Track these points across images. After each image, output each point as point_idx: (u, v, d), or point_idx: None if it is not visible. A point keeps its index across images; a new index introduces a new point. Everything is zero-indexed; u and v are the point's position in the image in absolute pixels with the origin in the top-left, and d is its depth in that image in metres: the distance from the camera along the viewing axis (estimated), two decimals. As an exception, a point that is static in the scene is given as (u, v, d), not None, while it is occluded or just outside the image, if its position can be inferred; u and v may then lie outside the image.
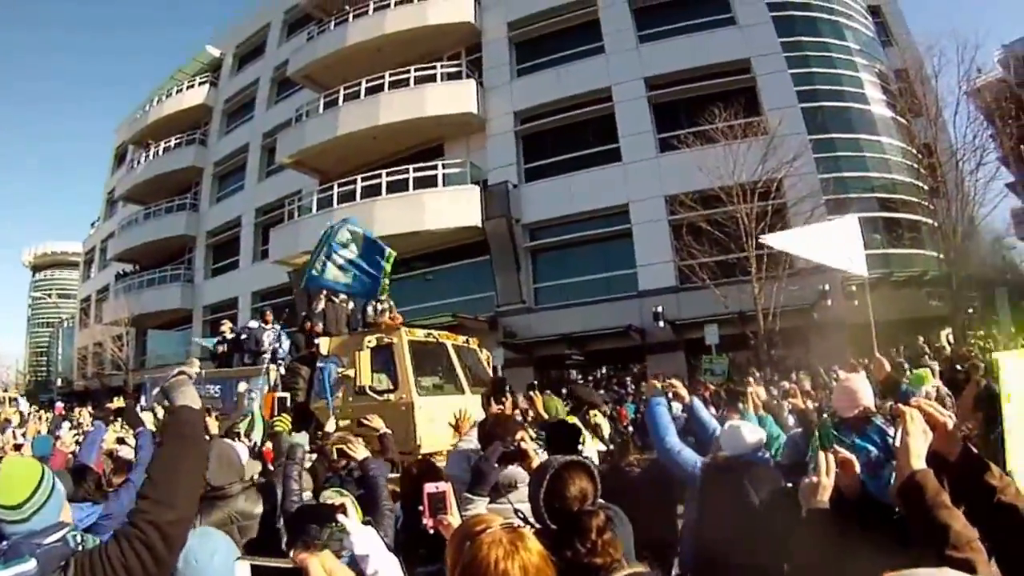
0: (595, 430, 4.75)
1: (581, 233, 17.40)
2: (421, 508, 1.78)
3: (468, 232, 17.12)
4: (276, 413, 6.79)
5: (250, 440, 4.60)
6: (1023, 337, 12.80)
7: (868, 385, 2.59)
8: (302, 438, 3.91)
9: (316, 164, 21.03)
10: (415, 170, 18.00)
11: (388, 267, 7.34)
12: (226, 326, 9.93)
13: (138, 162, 29.81)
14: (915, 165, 17.74)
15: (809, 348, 16.55)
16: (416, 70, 19.41)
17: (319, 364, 7.02)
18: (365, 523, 1.96)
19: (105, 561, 1.24)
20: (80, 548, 1.34)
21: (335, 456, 3.21)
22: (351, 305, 8.15)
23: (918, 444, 1.31)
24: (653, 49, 18.15)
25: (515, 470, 2.59)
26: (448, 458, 3.43)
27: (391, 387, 6.33)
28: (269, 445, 4.51)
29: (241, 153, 25.80)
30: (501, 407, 3.95)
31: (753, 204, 15.22)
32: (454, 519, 1.73)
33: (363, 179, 18.60)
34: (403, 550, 2.12)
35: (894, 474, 1.48)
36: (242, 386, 7.57)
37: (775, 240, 8.03)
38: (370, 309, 7.80)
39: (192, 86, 29.26)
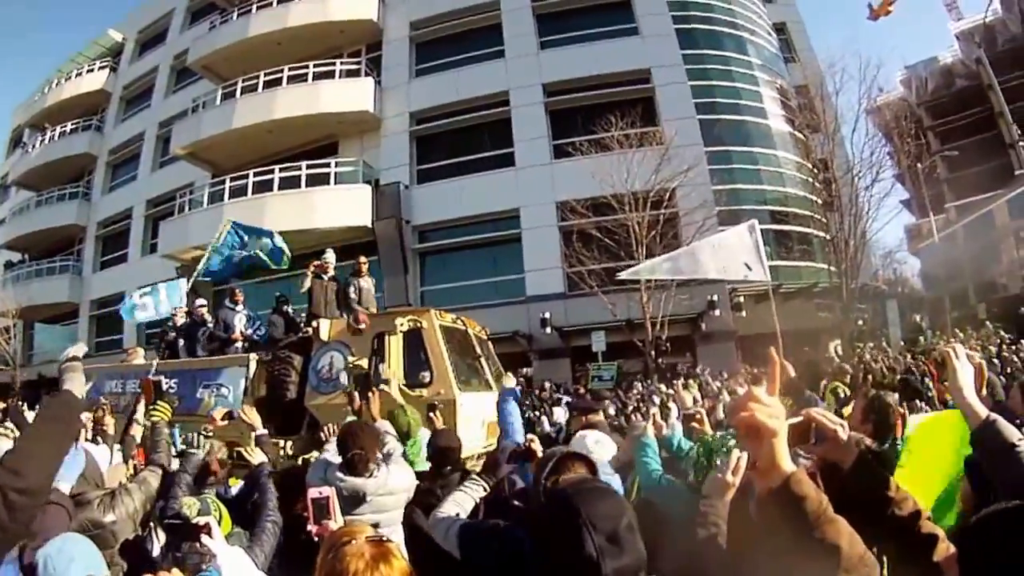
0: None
1: (471, 237, 17.11)
2: (305, 514, 1.76)
3: (358, 232, 16.55)
4: (154, 400, 6.05)
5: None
6: (908, 350, 13.20)
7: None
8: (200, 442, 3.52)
9: (210, 157, 20.01)
10: (308, 167, 17.36)
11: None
12: (179, 311, 8.74)
13: (33, 146, 27.94)
14: (810, 179, 18.25)
15: (697, 356, 16.81)
16: (315, 66, 18.78)
17: (317, 352, 6.02)
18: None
19: None
20: None
21: (223, 458, 3.09)
22: (336, 284, 7.08)
23: (784, 441, 1.03)
24: (554, 55, 18.10)
25: (362, 482, 2.57)
26: (311, 464, 3.15)
27: (424, 379, 5.46)
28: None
29: (136, 142, 24.44)
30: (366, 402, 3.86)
31: (645, 213, 15.27)
32: (336, 525, 1.70)
33: (255, 174, 17.78)
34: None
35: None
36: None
37: (658, 269, 7.62)
38: (351, 290, 6.84)
39: (92, 70, 27.66)
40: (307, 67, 18.74)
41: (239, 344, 7.22)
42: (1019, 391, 3.52)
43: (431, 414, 4.26)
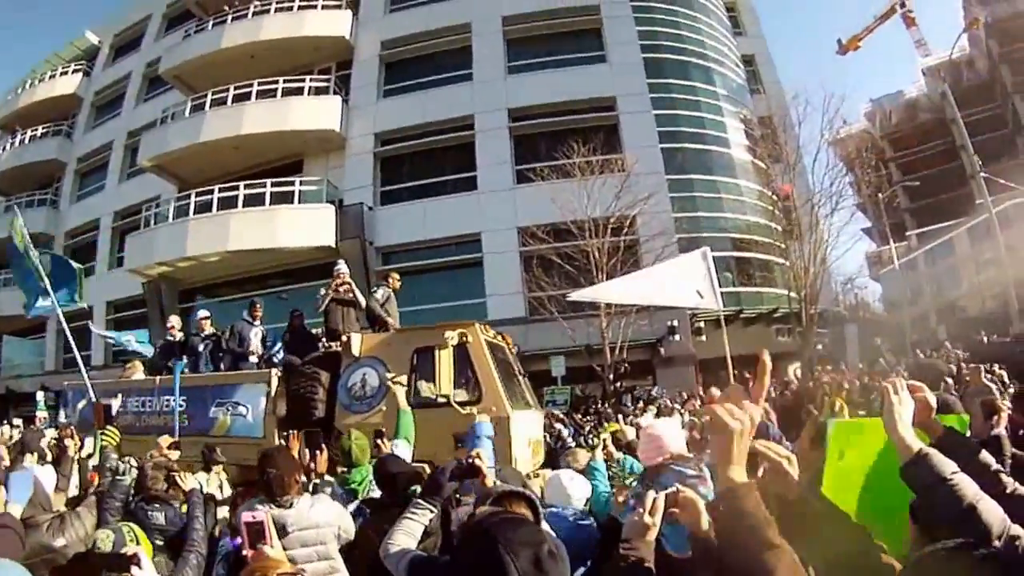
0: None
1: (433, 260, 17.15)
2: (240, 539, 1.73)
3: (322, 252, 16.51)
4: (103, 424, 5.61)
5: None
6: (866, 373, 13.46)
7: (675, 430, 2.40)
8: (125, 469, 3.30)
9: (176, 170, 19.86)
10: (273, 184, 17.29)
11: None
12: (175, 322, 8.07)
13: (4, 148, 27.36)
14: (771, 208, 18.61)
15: (656, 380, 17.02)
16: (285, 81, 18.76)
17: (348, 369, 5.66)
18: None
19: None
20: None
21: (157, 483, 3.01)
22: (360, 298, 6.70)
23: (741, 447, 0.99)
24: (520, 80, 18.31)
25: (280, 512, 2.49)
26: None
27: (470, 397, 5.21)
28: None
29: (105, 151, 24.08)
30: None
31: (605, 239, 15.48)
32: (273, 551, 1.67)
33: (220, 190, 17.67)
34: None
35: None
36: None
37: (608, 293, 7.61)
38: (375, 301, 6.40)
39: (66, 72, 27.18)
40: (277, 82, 18.71)
41: (253, 360, 6.85)
42: (981, 410, 3.73)
43: (378, 440, 4.00)
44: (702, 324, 17.44)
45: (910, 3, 33.54)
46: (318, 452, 3.99)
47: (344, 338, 5.92)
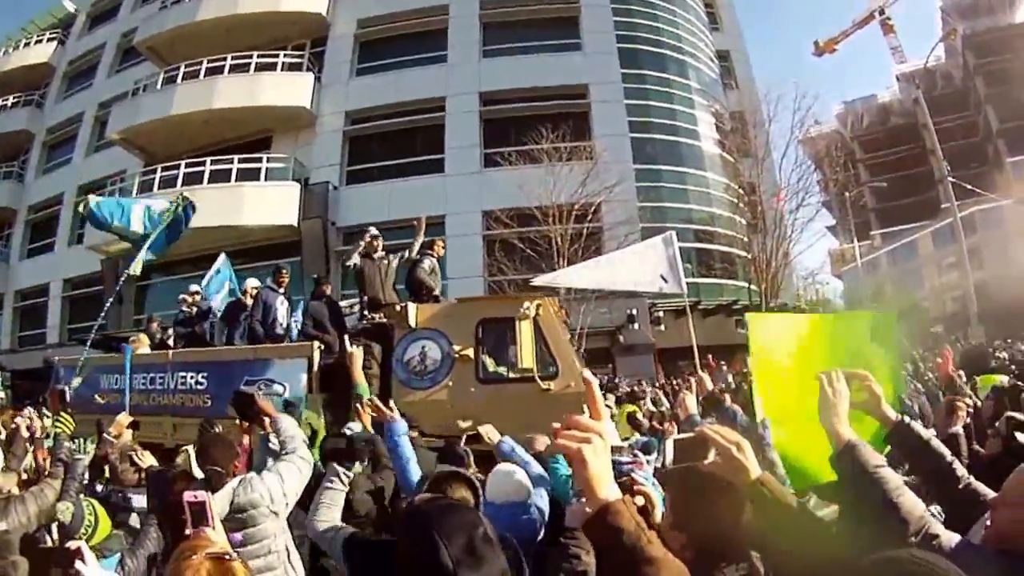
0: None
1: (396, 241, 17.03)
2: (183, 518, 1.66)
3: (284, 231, 16.50)
4: (59, 409, 5.46)
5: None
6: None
7: (608, 421, 2.30)
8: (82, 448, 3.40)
9: (144, 144, 19.62)
10: (240, 160, 17.20)
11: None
12: (194, 293, 7.38)
13: (-25, 118, 26.69)
14: (736, 201, 18.89)
15: (616, 368, 17.26)
16: (259, 56, 18.62)
17: (402, 341, 5.21)
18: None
19: None
20: None
21: (127, 473, 3.02)
22: (393, 262, 6.26)
23: (600, 467, 0.95)
24: (494, 64, 18.36)
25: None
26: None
27: (543, 372, 4.91)
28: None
29: (75, 123, 23.60)
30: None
31: (568, 225, 15.62)
32: (214, 533, 1.62)
33: (187, 165, 17.53)
34: None
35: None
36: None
37: (572, 279, 7.55)
38: (421, 270, 5.95)
39: (40, 41, 26.50)
40: (250, 57, 18.57)
41: (280, 332, 6.30)
42: (944, 407, 4.06)
43: (358, 405, 3.67)
44: (661, 314, 17.67)
45: (889, 10, 34.20)
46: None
47: (399, 308, 5.43)
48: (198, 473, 2.67)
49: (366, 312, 5.99)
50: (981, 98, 33.64)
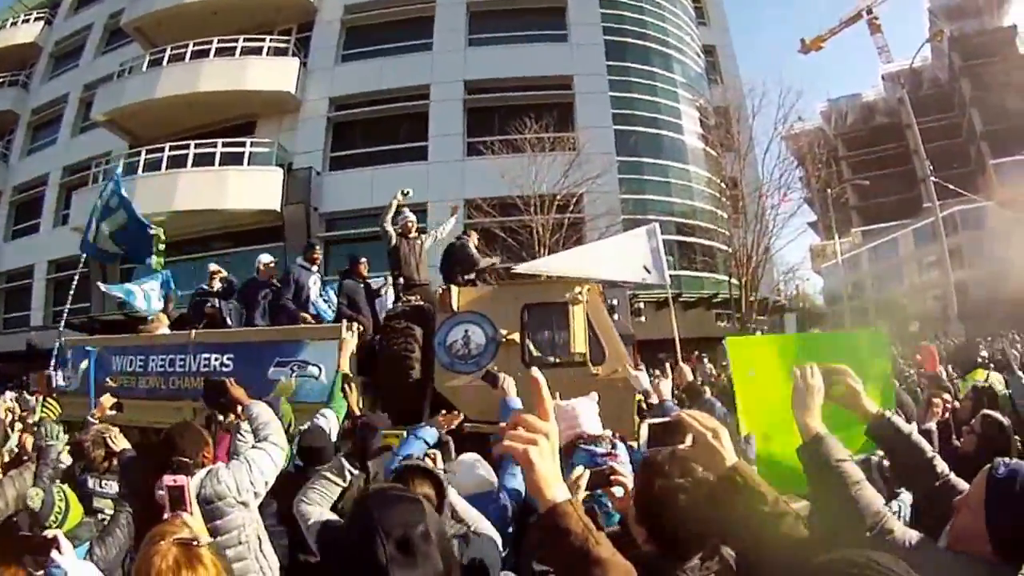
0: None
1: (377, 228, 17.18)
2: (161, 500, 1.69)
3: (267, 216, 16.57)
4: (47, 394, 5.41)
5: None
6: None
7: (590, 408, 2.34)
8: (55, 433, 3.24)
9: (130, 126, 19.59)
10: (224, 145, 17.23)
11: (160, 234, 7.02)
12: (217, 270, 7.07)
13: (-40, 98, 26.47)
14: (718, 195, 19.11)
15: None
16: (245, 40, 18.60)
17: (444, 324, 5.12)
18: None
19: None
20: None
21: (100, 459, 2.95)
22: (427, 242, 6.22)
23: (547, 468, 0.94)
24: (479, 53, 18.44)
25: None
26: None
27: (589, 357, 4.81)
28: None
29: (60, 103, 23.48)
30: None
31: (550, 215, 15.79)
32: (191, 518, 1.63)
33: (171, 148, 17.55)
34: None
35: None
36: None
37: (553, 267, 7.63)
38: (470, 247, 5.90)
39: (28, 20, 26.30)
40: (236, 41, 18.54)
41: (312, 311, 6.11)
42: (925, 404, 4.20)
43: (344, 386, 3.58)
44: (642, 305, 17.74)
45: (877, 10, 34.52)
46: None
47: (440, 290, 5.36)
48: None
49: (401, 294, 5.88)
50: (966, 100, 34.07)
